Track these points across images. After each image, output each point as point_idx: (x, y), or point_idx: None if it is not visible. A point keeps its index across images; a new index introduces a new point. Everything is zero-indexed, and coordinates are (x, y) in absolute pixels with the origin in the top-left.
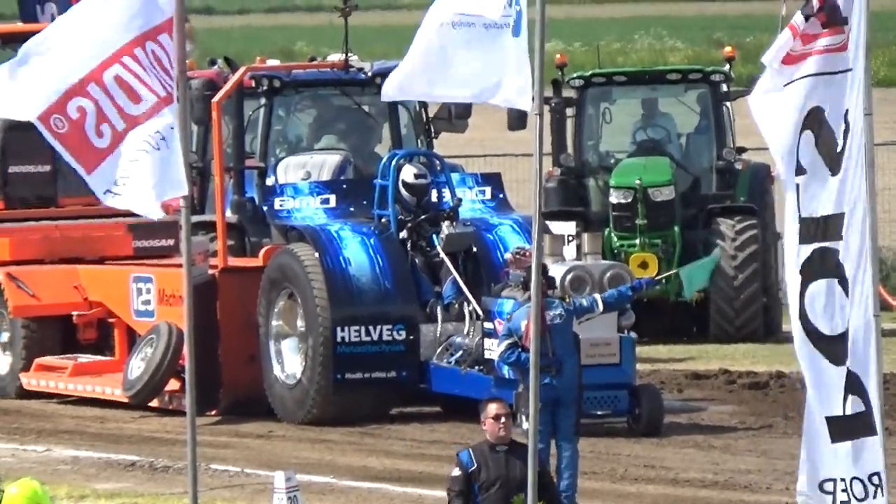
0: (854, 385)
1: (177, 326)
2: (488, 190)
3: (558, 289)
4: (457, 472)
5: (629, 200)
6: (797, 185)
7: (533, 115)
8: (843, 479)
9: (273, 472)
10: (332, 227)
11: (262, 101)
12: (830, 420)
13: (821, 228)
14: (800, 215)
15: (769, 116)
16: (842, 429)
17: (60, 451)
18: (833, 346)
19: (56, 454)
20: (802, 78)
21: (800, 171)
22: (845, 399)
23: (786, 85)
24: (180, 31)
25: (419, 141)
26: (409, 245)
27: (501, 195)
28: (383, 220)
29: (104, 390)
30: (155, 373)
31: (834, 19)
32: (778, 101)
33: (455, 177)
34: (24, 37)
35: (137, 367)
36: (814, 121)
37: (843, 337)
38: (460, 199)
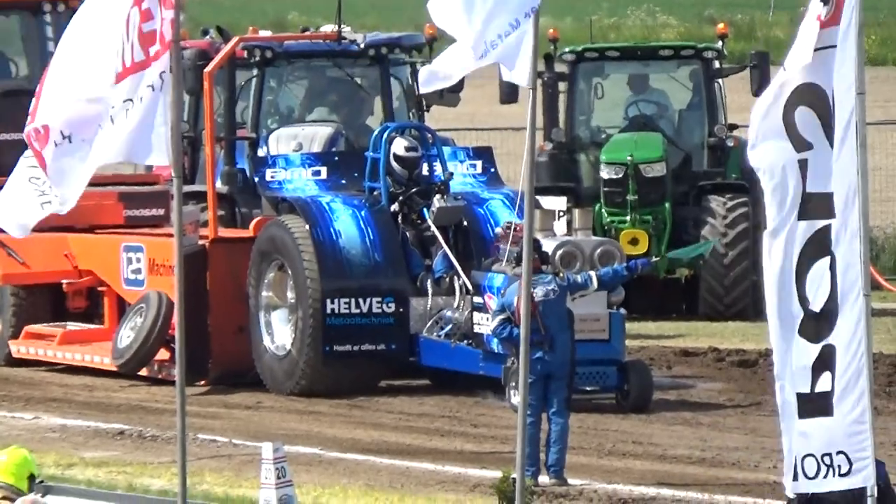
0: (827, 364)
1: (167, 296)
2: (479, 164)
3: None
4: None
5: (620, 176)
6: (802, 161)
7: (526, 89)
8: (795, 457)
9: (261, 443)
10: (323, 199)
11: (255, 71)
12: (800, 396)
13: (822, 205)
14: (804, 190)
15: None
16: (808, 406)
17: (48, 419)
18: (812, 323)
19: (44, 422)
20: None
21: (804, 146)
22: (816, 378)
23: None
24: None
25: (411, 114)
26: (399, 218)
27: (493, 169)
28: (374, 192)
29: (93, 359)
30: (144, 342)
31: None
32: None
33: (446, 150)
34: (16, 4)
35: (127, 336)
36: (812, 97)
37: (825, 314)
38: (451, 173)
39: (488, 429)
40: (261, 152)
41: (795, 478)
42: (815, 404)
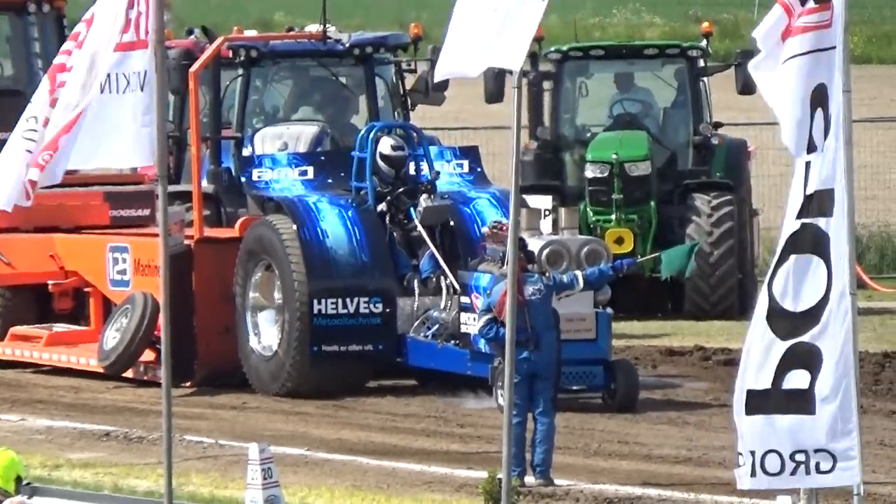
0: (804, 361)
1: (152, 296)
2: (466, 163)
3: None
4: None
5: (605, 175)
6: (808, 163)
7: (511, 87)
8: (752, 452)
9: (247, 444)
10: (310, 199)
11: (240, 71)
12: (750, 393)
13: (815, 204)
14: (806, 191)
15: (776, 91)
16: (763, 402)
17: (35, 421)
18: (789, 322)
19: (30, 424)
20: (801, 55)
21: (812, 148)
22: (782, 374)
23: (785, 61)
24: (158, 0)
25: (396, 113)
26: (387, 218)
27: (479, 169)
28: (361, 192)
29: (79, 360)
30: (130, 343)
31: None
32: (782, 77)
33: (433, 150)
34: (0, 5)
35: (113, 337)
36: (822, 98)
37: (808, 313)
38: (438, 173)
39: (474, 429)
40: (246, 152)
41: (753, 473)
42: (783, 402)
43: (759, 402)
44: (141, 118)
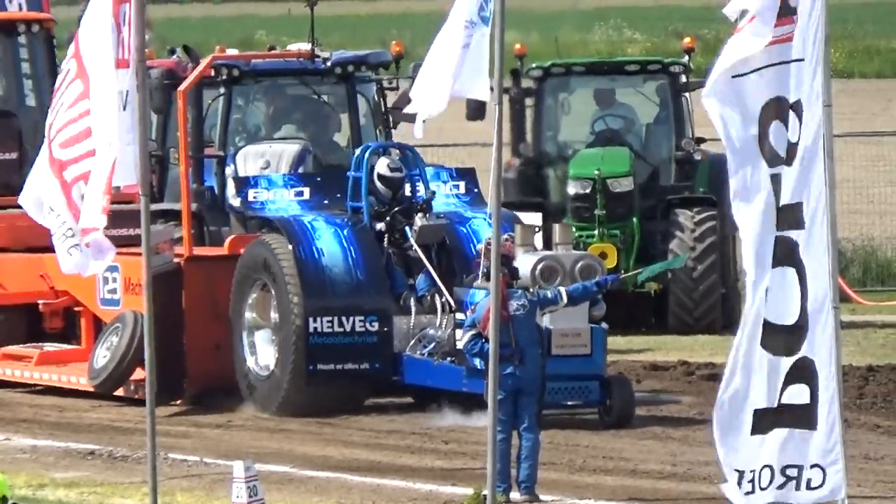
0: (802, 376)
1: (142, 315)
2: (462, 185)
3: (525, 279)
4: None
5: (588, 191)
6: (775, 176)
7: (492, 105)
8: (752, 470)
9: (232, 462)
10: (306, 219)
11: (222, 90)
12: (757, 412)
13: (787, 217)
14: (778, 204)
15: (727, 107)
16: (765, 420)
17: (19, 440)
18: (781, 337)
19: (14, 443)
20: (757, 70)
21: (776, 161)
22: (783, 390)
23: (734, 77)
24: (139, 20)
25: (378, 131)
26: (384, 238)
27: (476, 190)
28: (359, 213)
29: (70, 379)
30: (120, 361)
31: (784, 11)
32: (735, 91)
33: (429, 171)
34: None
35: (103, 355)
36: (781, 110)
37: (797, 327)
38: (433, 192)
39: (459, 445)
40: (228, 171)
41: (752, 490)
42: (780, 417)
43: (762, 420)
44: (124, 137)
